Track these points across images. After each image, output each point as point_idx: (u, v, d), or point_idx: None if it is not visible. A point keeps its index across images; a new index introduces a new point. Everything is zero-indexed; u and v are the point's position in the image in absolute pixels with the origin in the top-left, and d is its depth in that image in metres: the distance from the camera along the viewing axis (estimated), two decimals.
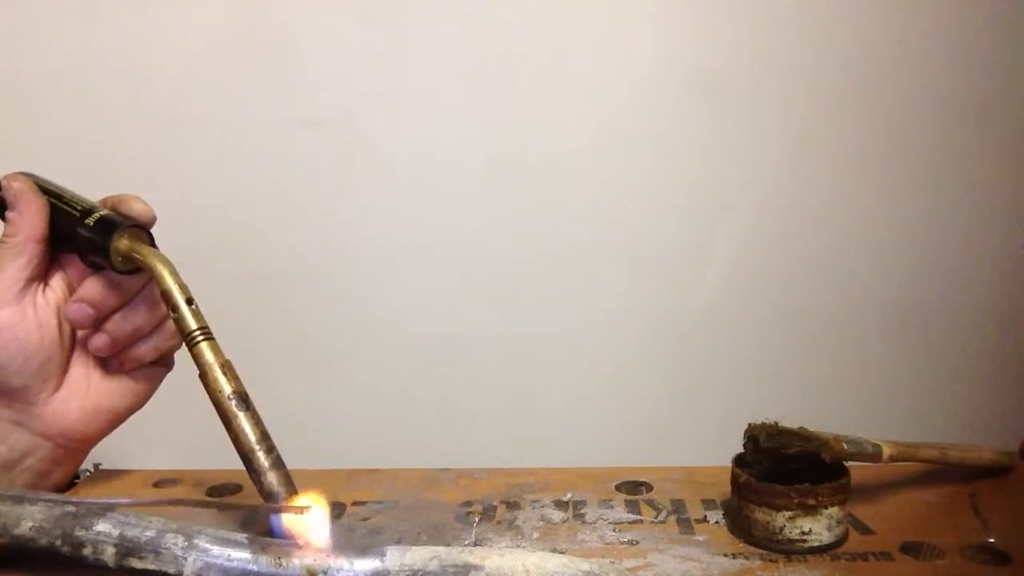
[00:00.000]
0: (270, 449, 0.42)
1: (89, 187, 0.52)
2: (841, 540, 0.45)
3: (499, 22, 0.83)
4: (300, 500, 0.41)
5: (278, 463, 0.42)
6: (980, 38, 0.83)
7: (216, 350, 0.43)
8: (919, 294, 0.88)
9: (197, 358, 0.43)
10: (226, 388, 0.42)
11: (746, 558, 0.43)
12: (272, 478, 0.41)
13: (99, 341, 0.49)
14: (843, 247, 0.87)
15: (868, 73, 0.84)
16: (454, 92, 0.84)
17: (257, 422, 0.42)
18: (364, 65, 0.83)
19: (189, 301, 0.44)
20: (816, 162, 0.86)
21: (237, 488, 0.53)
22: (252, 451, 0.41)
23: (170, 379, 0.53)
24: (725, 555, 0.44)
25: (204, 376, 0.43)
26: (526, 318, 0.89)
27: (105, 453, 0.57)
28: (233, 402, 0.42)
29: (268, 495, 0.41)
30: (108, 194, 0.51)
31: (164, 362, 0.53)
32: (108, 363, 0.51)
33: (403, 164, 0.85)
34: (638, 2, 0.83)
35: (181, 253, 0.49)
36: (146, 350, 0.51)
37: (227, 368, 0.43)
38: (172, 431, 0.49)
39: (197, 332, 0.43)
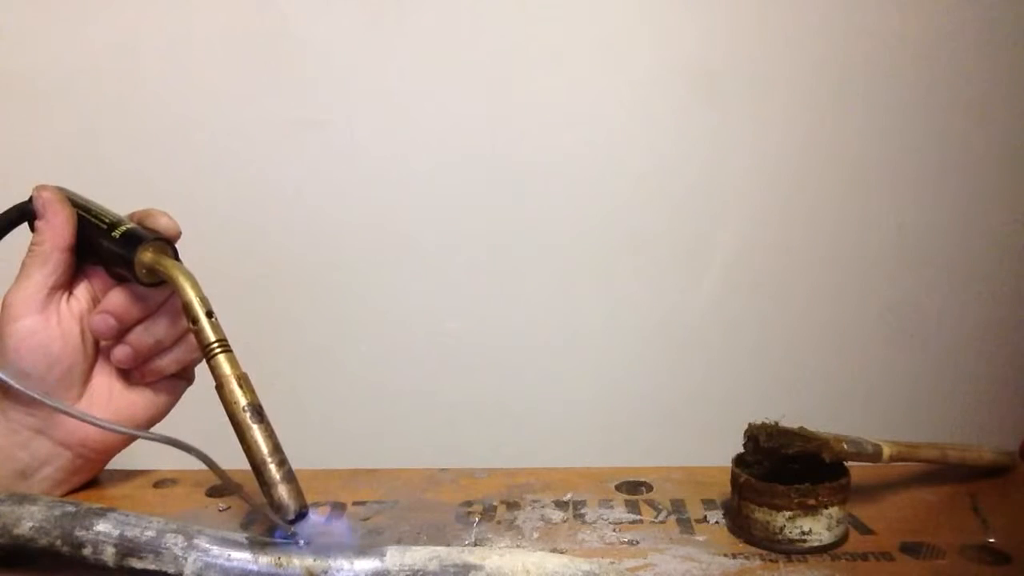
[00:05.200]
0: (282, 462, 0.42)
1: (89, 188, 0.52)
2: (841, 540, 0.45)
3: (499, 22, 0.83)
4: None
5: (289, 476, 0.42)
6: (980, 38, 0.83)
7: (233, 362, 0.44)
8: (919, 294, 0.88)
9: (214, 369, 0.44)
10: (241, 400, 0.43)
11: (746, 558, 0.43)
12: (283, 491, 0.41)
13: (121, 352, 0.50)
14: (843, 247, 0.87)
15: (868, 73, 0.84)
16: (455, 92, 0.84)
17: (270, 435, 0.42)
18: (364, 65, 0.83)
19: (209, 314, 0.45)
20: (816, 162, 0.86)
21: (237, 487, 0.53)
22: (264, 463, 0.41)
23: None
24: (725, 555, 0.44)
25: (220, 388, 0.43)
26: (526, 318, 0.89)
27: None
28: (248, 414, 0.42)
29: (278, 508, 0.41)
30: (107, 195, 0.51)
31: (185, 375, 0.53)
32: (130, 375, 0.52)
33: (403, 164, 0.85)
34: (638, 2, 0.83)
35: (181, 253, 0.49)
36: (167, 362, 0.51)
37: (243, 380, 0.43)
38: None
39: (215, 344, 0.44)
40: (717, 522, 0.48)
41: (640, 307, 0.88)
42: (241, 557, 0.39)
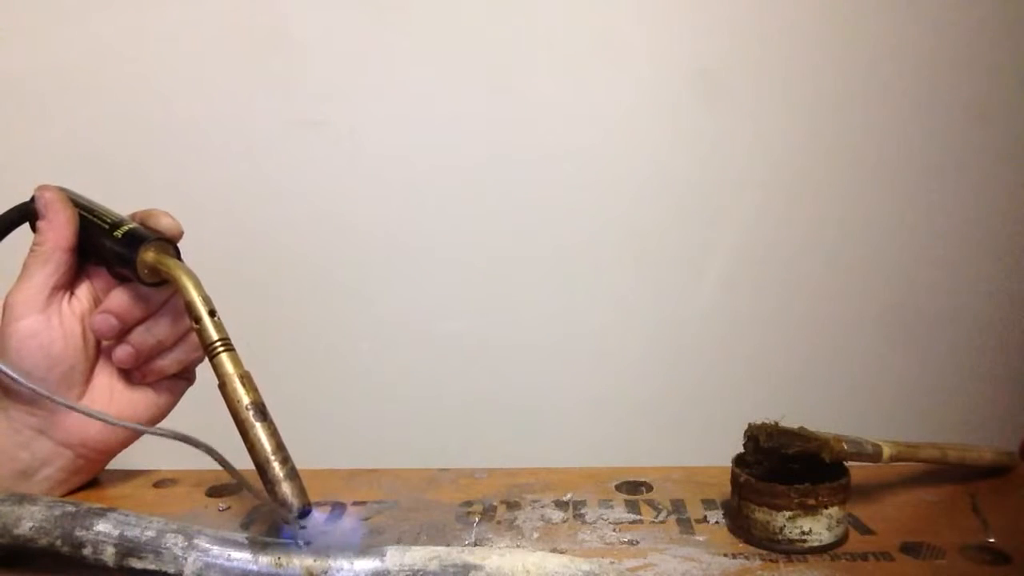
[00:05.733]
0: (285, 460, 0.42)
1: (89, 188, 0.52)
2: (841, 540, 0.45)
3: (499, 23, 0.83)
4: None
5: (292, 474, 0.42)
6: (980, 38, 0.83)
7: (236, 361, 0.44)
8: (919, 294, 0.88)
9: (217, 368, 0.44)
10: (244, 399, 0.43)
11: (746, 558, 0.43)
12: (286, 488, 0.41)
13: (123, 352, 0.50)
14: (843, 247, 0.87)
15: (867, 74, 0.84)
16: (454, 92, 0.84)
17: (273, 433, 0.42)
18: (364, 65, 0.83)
19: (212, 313, 0.45)
20: (816, 163, 0.86)
21: (237, 488, 0.53)
22: (268, 461, 0.41)
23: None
24: (725, 555, 0.44)
25: (224, 387, 0.43)
26: (526, 318, 0.89)
27: None
28: (251, 412, 0.42)
29: (282, 505, 0.41)
30: (107, 195, 0.51)
31: (186, 375, 0.53)
32: (131, 375, 0.52)
33: (403, 164, 0.85)
34: (638, 2, 0.83)
35: (182, 253, 0.49)
36: (169, 362, 0.51)
37: (246, 379, 0.43)
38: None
39: (218, 343, 0.44)
40: (717, 522, 0.48)
41: (640, 307, 0.88)
42: (241, 557, 0.39)
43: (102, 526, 0.39)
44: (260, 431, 0.42)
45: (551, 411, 0.89)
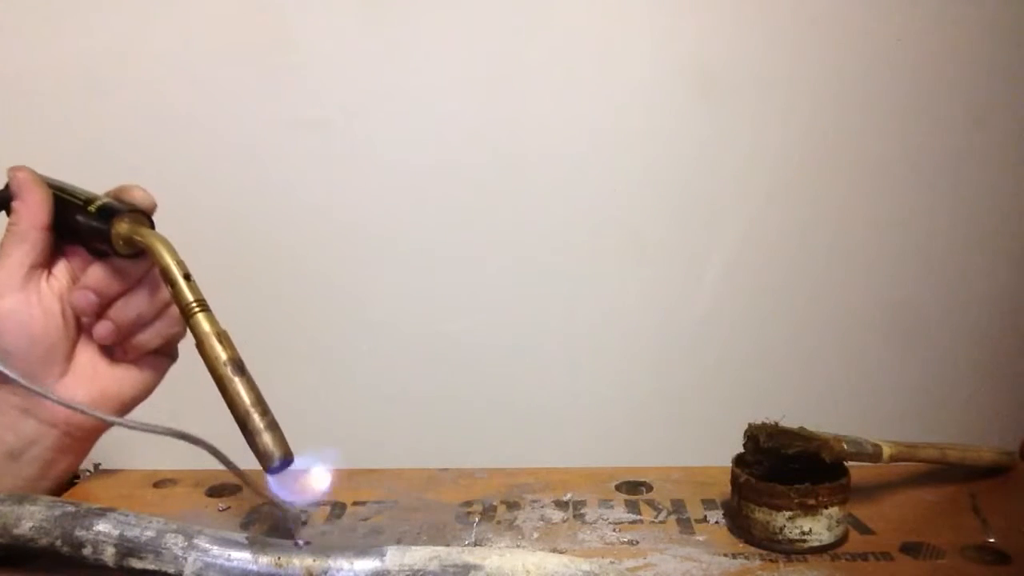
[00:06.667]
0: (265, 412, 0.42)
1: (88, 188, 0.52)
2: (841, 540, 0.45)
3: (499, 22, 0.83)
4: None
5: (273, 425, 0.42)
6: (980, 38, 0.83)
7: (212, 321, 0.44)
8: (919, 294, 0.88)
9: (194, 328, 0.44)
10: (222, 355, 0.43)
11: (746, 558, 0.43)
12: (267, 439, 0.41)
13: (103, 328, 0.50)
14: (843, 247, 0.87)
15: (867, 73, 0.84)
16: (455, 92, 0.84)
17: (252, 387, 0.43)
18: (364, 65, 0.83)
19: (187, 276, 0.45)
20: (816, 162, 0.86)
21: (237, 488, 0.53)
22: (248, 413, 0.42)
23: (170, 378, 0.54)
24: (725, 555, 0.44)
25: (201, 345, 0.43)
26: (526, 318, 0.88)
27: (105, 453, 0.57)
28: (229, 368, 0.43)
29: (263, 456, 0.41)
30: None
31: (168, 351, 0.53)
32: (114, 351, 0.52)
33: (403, 164, 0.85)
34: (638, 2, 0.83)
35: (182, 253, 0.49)
36: (149, 336, 0.51)
37: (223, 337, 0.44)
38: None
39: (194, 304, 0.44)
40: (717, 522, 0.48)
41: (640, 306, 0.88)
42: (241, 557, 0.39)
43: (102, 526, 0.39)
44: (239, 385, 0.42)
45: (551, 411, 0.89)
